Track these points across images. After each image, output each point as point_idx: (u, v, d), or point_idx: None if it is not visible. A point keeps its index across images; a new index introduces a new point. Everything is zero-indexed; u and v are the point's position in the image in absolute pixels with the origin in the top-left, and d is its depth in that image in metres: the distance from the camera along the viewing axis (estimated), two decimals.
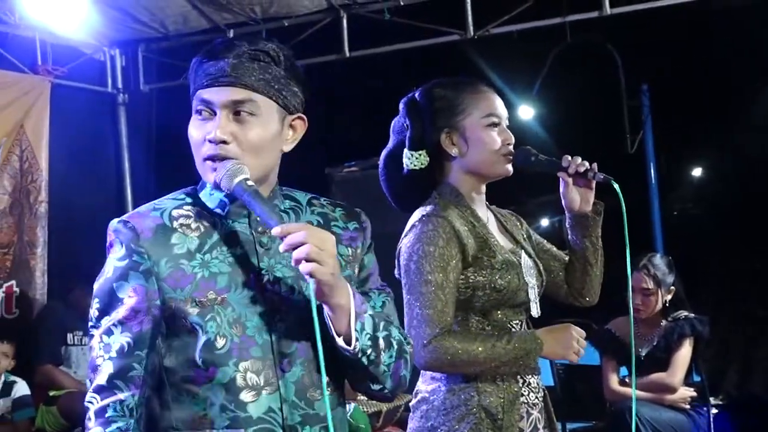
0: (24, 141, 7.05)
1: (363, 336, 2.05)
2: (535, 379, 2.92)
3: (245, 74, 2.06)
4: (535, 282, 2.95)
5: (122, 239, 2.09)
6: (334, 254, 1.97)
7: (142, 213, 2.14)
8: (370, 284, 2.25)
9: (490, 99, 2.96)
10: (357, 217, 2.27)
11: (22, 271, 7.05)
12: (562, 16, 6.74)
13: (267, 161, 2.13)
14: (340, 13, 7.13)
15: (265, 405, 2.07)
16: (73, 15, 6.63)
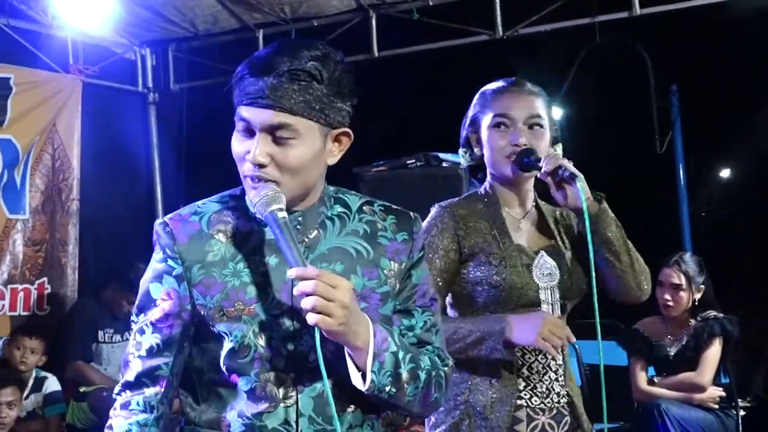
0: (56, 139, 7.09)
1: (381, 375, 2.02)
2: (546, 385, 2.89)
3: (284, 97, 1.99)
4: (553, 283, 2.90)
5: (161, 242, 2.12)
6: (346, 304, 1.92)
7: (183, 216, 2.15)
8: (414, 301, 2.21)
9: (504, 100, 2.93)
10: (408, 227, 2.22)
11: (54, 269, 7.09)
12: (592, 17, 6.70)
13: (308, 179, 2.09)
14: (369, 13, 7.13)
15: (282, 417, 2.07)
16: (105, 15, 6.66)
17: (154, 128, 8.06)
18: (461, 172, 6.02)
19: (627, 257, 2.92)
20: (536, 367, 2.88)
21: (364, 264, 2.14)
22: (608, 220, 2.89)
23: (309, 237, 2.12)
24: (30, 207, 6.95)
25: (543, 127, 2.91)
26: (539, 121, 2.90)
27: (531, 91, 2.95)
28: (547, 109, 2.97)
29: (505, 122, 2.89)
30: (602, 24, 6.77)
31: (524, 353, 2.88)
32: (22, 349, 6.04)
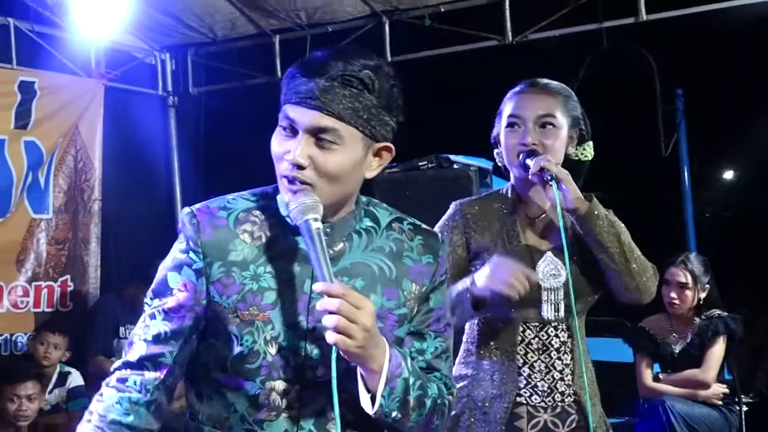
0: (78, 141, 7.11)
1: (390, 400, 1.95)
2: (548, 384, 2.85)
3: (334, 101, 1.92)
4: (557, 284, 2.85)
5: (186, 233, 2.05)
6: (368, 328, 1.85)
7: (212, 209, 2.07)
8: (429, 325, 2.14)
9: (517, 100, 2.91)
10: (435, 250, 2.15)
11: (77, 267, 7.11)
12: (599, 22, 6.68)
13: (345, 189, 2.02)
14: (383, 18, 7.12)
15: (282, 428, 2.01)
16: (126, 21, 6.67)
17: (173, 130, 8.07)
18: (471, 173, 6.00)
19: (622, 258, 2.81)
20: (538, 366, 2.85)
21: (385, 283, 2.06)
22: (596, 221, 2.80)
23: (334, 249, 2.04)
24: (53, 207, 6.97)
25: (556, 126, 2.86)
26: (551, 120, 2.85)
27: (547, 90, 2.91)
28: (567, 108, 2.90)
29: (517, 122, 2.87)
30: (609, 29, 6.75)
31: (527, 352, 2.86)
32: (46, 344, 6.06)
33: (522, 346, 2.86)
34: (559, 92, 2.92)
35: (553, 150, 2.85)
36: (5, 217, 6.59)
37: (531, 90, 2.92)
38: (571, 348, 2.88)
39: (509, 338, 2.87)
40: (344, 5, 6.99)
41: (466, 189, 5.94)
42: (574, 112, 2.92)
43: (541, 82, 2.94)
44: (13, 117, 6.60)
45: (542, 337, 2.86)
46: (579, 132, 2.95)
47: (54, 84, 6.90)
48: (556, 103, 2.88)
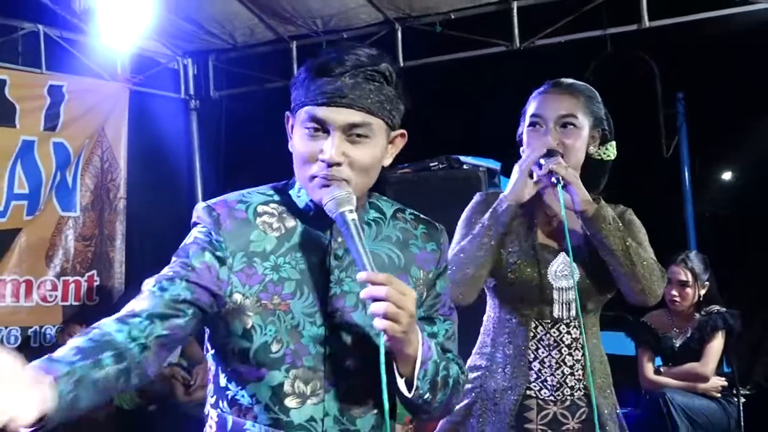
0: (104, 142, 7.14)
1: (424, 382, 1.96)
2: (558, 379, 2.84)
3: (363, 96, 1.92)
4: (570, 284, 2.81)
5: (205, 225, 2.01)
6: (413, 313, 1.85)
7: (229, 203, 2.04)
8: (437, 309, 2.15)
9: (539, 100, 2.85)
10: (436, 238, 2.15)
11: (102, 262, 7.14)
12: (603, 29, 6.67)
13: (372, 179, 2.03)
14: (395, 25, 7.12)
15: (308, 414, 1.99)
16: (150, 28, 6.69)
17: (195, 132, 8.09)
18: (480, 173, 6.01)
19: (627, 260, 2.76)
20: (549, 361, 2.84)
21: (395, 270, 2.05)
22: (603, 224, 2.76)
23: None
24: (80, 205, 7.00)
25: (577, 126, 2.80)
26: (572, 120, 2.80)
27: (569, 90, 2.85)
28: (589, 108, 2.84)
29: (539, 122, 2.82)
30: (613, 36, 6.74)
31: (537, 348, 2.85)
32: (73, 336, 6.08)
33: (533, 341, 2.85)
34: (582, 92, 2.86)
35: (574, 149, 2.80)
36: (35, 214, 6.62)
37: (554, 90, 2.86)
38: (583, 344, 2.85)
39: (522, 334, 2.85)
40: (358, 12, 6.99)
41: (475, 189, 5.94)
42: (596, 112, 2.87)
43: (565, 83, 2.88)
44: (42, 119, 6.64)
45: (554, 334, 2.85)
46: (602, 132, 2.90)
47: (81, 88, 6.93)
48: (577, 104, 2.82)
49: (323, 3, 6.84)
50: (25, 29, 6.66)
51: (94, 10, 6.37)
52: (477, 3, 6.79)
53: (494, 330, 2.93)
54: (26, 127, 6.52)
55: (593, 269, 2.85)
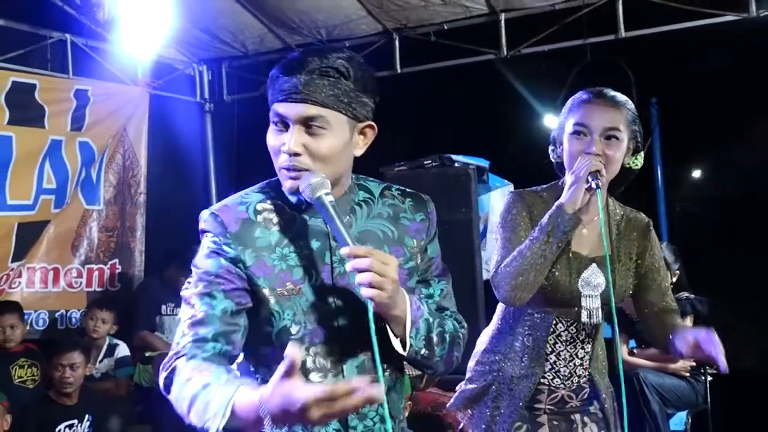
0: (126, 142, 7.13)
1: (418, 340, 1.97)
2: (570, 369, 2.82)
3: (316, 91, 1.92)
4: (596, 294, 2.76)
5: (213, 231, 2.02)
6: (396, 279, 1.86)
7: (230, 206, 2.05)
8: (432, 271, 2.15)
9: (585, 109, 2.72)
10: (424, 207, 2.16)
11: (124, 252, 7.13)
12: (584, 38, 6.68)
13: (338, 168, 2.01)
14: (393, 35, 7.12)
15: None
16: (168, 37, 6.68)
17: (209, 133, 8.08)
18: (471, 171, 6.00)
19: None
20: (564, 354, 2.82)
21: (390, 243, 2.07)
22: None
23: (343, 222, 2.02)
24: (104, 199, 6.99)
25: (619, 139, 2.69)
26: (616, 133, 2.69)
27: (613, 103, 2.73)
28: (629, 120, 2.73)
29: (583, 131, 2.70)
30: (592, 45, 6.73)
31: (556, 342, 2.81)
32: (95, 319, 6.09)
33: (552, 336, 2.81)
34: (624, 106, 2.75)
35: (615, 161, 2.71)
36: (62, 207, 6.62)
37: (599, 101, 2.73)
38: (593, 337, 2.84)
39: (543, 328, 2.81)
40: (359, 23, 6.99)
41: (465, 185, 5.95)
42: (633, 125, 2.76)
43: (609, 94, 2.75)
44: (69, 120, 6.62)
45: (571, 331, 2.82)
46: (636, 143, 2.80)
47: (105, 92, 6.91)
48: (621, 117, 2.71)
49: (327, 14, 6.83)
50: (53, 38, 6.65)
51: (117, 20, 6.36)
52: (468, 15, 6.79)
53: (514, 319, 2.87)
54: (54, 127, 6.51)
55: (619, 282, 2.80)
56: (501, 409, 2.84)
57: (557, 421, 2.86)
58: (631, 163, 2.83)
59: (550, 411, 2.85)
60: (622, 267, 2.82)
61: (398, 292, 1.91)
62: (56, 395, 5.18)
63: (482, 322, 5.64)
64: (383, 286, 1.84)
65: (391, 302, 1.89)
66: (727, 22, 6.24)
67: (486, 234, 7.05)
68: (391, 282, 1.85)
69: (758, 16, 6.10)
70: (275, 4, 6.71)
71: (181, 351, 1.96)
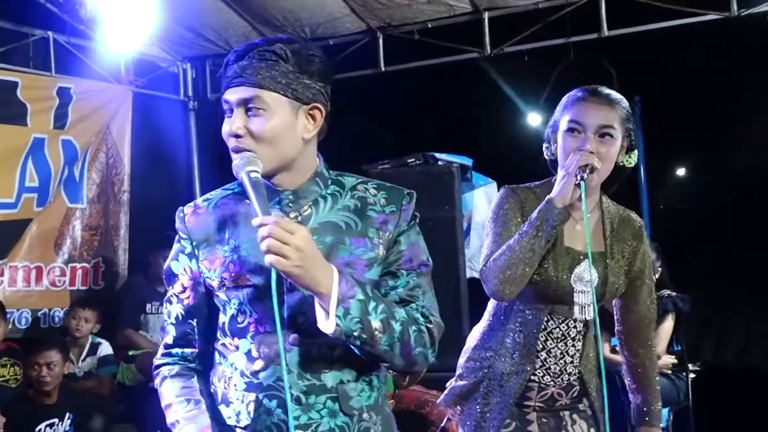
0: (110, 140, 7.10)
1: (347, 320, 1.89)
2: (560, 367, 2.82)
3: (252, 74, 1.96)
4: (588, 289, 2.75)
5: (177, 227, 2.14)
6: (300, 247, 1.84)
7: (196, 204, 2.15)
8: (399, 264, 2.08)
9: (580, 107, 2.70)
10: (398, 201, 2.11)
11: (107, 250, 7.11)
12: (566, 37, 6.70)
13: (284, 151, 2.01)
14: (377, 33, 7.12)
15: (274, 374, 1.99)
16: (152, 34, 6.67)
17: (193, 131, 8.06)
18: (454, 169, 6.02)
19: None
20: (554, 351, 2.81)
21: (352, 234, 2.04)
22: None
23: (302, 214, 2.05)
24: (87, 197, 6.96)
25: (614, 137, 2.67)
26: (610, 131, 2.67)
27: (608, 101, 2.71)
28: (623, 118, 2.71)
29: (578, 128, 2.67)
30: (575, 44, 6.75)
31: (547, 339, 2.81)
32: (78, 318, 6.08)
33: (543, 333, 2.80)
34: (619, 104, 2.73)
35: (609, 158, 2.69)
36: (45, 206, 6.59)
37: (593, 99, 2.71)
38: (584, 335, 2.84)
39: (534, 325, 2.79)
40: (344, 22, 6.99)
41: (449, 183, 5.97)
42: (627, 123, 2.74)
43: (603, 92, 2.73)
44: (52, 119, 6.60)
45: (563, 328, 2.81)
46: (629, 141, 2.78)
47: (88, 90, 6.89)
48: (615, 115, 2.69)
49: (311, 13, 6.83)
50: (36, 36, 6.62)
51: (100, 17, 6.34)
52: (452, 13, 6.79)
53: (505, 316, 2.86)
54: (37, 125, 6.48)
55: (611, 278, 2.81)
56: (491, 405, 2.84)
57: (546, 418, 2.86)
58: (625, 162, 2.81)
59: (539, 408, 2.85)
60: (614, 264, 2.82)
61: (315, 267, 1.88)
62: (36, 394, 5.16)
63: (465, 320, 5.67)
64: (284, 253, 1.83)
65: (302, 273, 1.86)
66: (709, 21, 6.28)
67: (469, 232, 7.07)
68: (294, 250, 1.83)
69: (739, 15, 6.14)
70: (259, 2, 6.70)
71: (157, 361, 2.19)
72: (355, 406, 2.05)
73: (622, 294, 2.90)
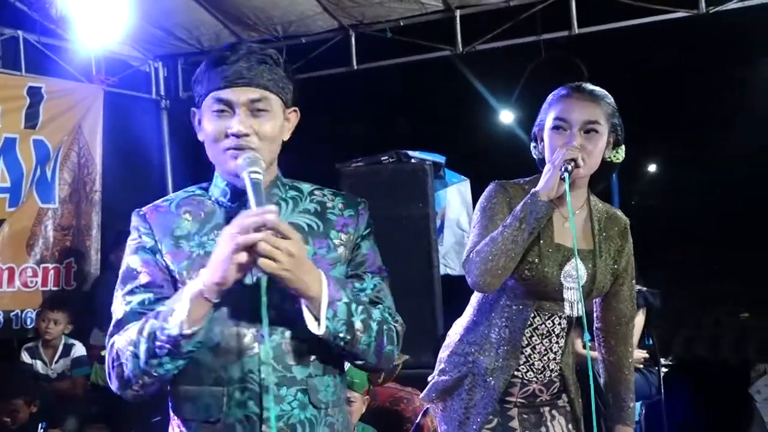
0: (81, 139, 7.07)
1: (335, 322, 1.96)
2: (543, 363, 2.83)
3: (258, 75, 2.04)
4: (575, 285, 2.75)
5: (135, 225, 2.13)
6: (292, 253, 1.87)
7: (156, 204, 2.17)
8: (365, 267, 2.16)
9: (565, 104, 2.72)
10: (355, 206, 2.19)
11: (79, 250, 7.07)
12: (538, 35, 6.74)
13: (274, 151, 2.10)
14: (349, 32, 7.12)
15: (246, 367, 2.00)
16: (123, 33, 6.64)
17: (165, 130, 8.03)
18: (427, 166, 6.04)
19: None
20: (539, 348, 2.82)
21: (315, 236, 2.11)
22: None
23: None
24: (59, 197, 6.92)
25: (599, 132, 2.69)
26: (596, 126, 2.68)
27: (592, 97, 2.72)
28: (608, 113, 2.73)
29: (563, 125, 2.69)
30: (546, 41, 6.80)
31: (532, 335, 2.81)
32: (47, 321, 6.03)
33: (529, 329, 2.81)
34: (603, 99, 2.74)
35: (595, 154, 2.70)
36: (17, 206, 6.55)
37: (578, 95, 2.72)
38: (567, 332, 2.87)
39: (520, 321, 2.80)
40: (315, 20, 6.98)
41: (422, 180, 5.99)
42: (613, 118, 2.75)
43: (588, 89, 2.74)
44: (23, 118, 6.55)
45: (548, 325, 2.82)
46: (615, 137, 2.79)
47: (59, 89, 6.85)
48: (600, 111, 2.70)
49: (283, 11, 6.82)
50: (5, 35, 6.57)
51: (70, 16, 6.30)
52: (423, 11, 6.81)
53: (491, 310, 2.86)
54: (8, 125, 6.43)
55: (599, 275, 2.82)
56: (475, 401, 2.85)
57: (527, 414, 2.87)
58: (613, 157, 2.82)
59: (520, 404, 2.87)
60: (602, 262, 2.83)
61: (305, 271, 1.93)
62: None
63: (439, 317, 5.68)
64: (275, 257, 1.85)
65: (292, 277, 1.89)
66: (679, 18, 6.34)
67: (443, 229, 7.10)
68: (286, 255, 1.86)
69: (707, 13, 6.21)
70: (231, 0, 6.68)
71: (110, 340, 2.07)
72: (323, 400, 2.09)
73: (606, 299, 2.93)
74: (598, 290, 2.84)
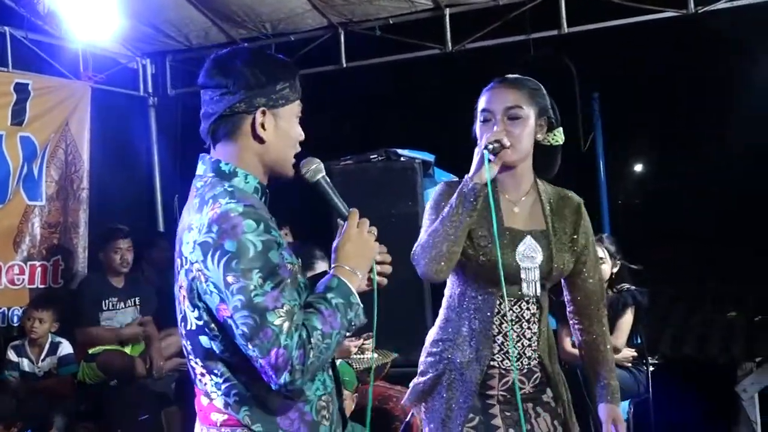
0: (69, 137, 7.03)
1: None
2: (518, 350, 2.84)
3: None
4: (534, 265, 2.82)
5: (259, 219, 2.03)
6: None
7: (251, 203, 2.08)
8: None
9: (488, 95, 2.85)
10: None
11: (67, 247, 7.04)
12: (527, 34, 6.75)
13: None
14: (338, 30, 7.12)
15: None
16: (111, 30, 6.61)
17: (153, 127, 8.02)
18: (416, 165, 6.02)
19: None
20: (511, 335, 2.84)
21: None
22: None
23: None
24: (46, 195, 6.88)
25: (522, 116, 2.78)
26: (518, 111, 2.78)
27: (513, 84, 2.84)
28: (534, 98, 2.83)
29: (488, 116, 2.82)
30: (535, 40, 6.81)
31: (501, 323, 2.83)
32: (32, 319, 5.97)
33: (498, 317, 2.83)
34: (525, 84, 2.84)
35: (521, 138, 2.79)
36: (3, 204, 6.50)
37: (500, 85, 2.85)
38: (539, 318, 2.88)
39: (487, 310, 2.83)
40: (305, 18, 6.98)
41: (411, 179, 5.97)
42: (541, 101, 2.84)
43: (509, 78, 2.87)
44: (9, 115, 6.52)
45: (516, 310, 2.84)
46: (548, 120, 2.88)
47: (46, 85, 6.81)
48: (522, 96, 2.80)
49: (272, 8, 6.81)
50: None
51: (58, 13, 6.28)
52: (413, 9, 6.82)
53: (459, 305, 2.90)
54: None
55: (555, 253, 2.86)
56: (455, 397, 2.86)
57: (509, 411, 2.87)
58: (551, 140, 2.92)
59: (502, 399, 2.87)
60: (557, 241, 2.88)
61: None
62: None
63: (429, 316, 5.67)
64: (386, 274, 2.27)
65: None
66: (668, 18, 6.36)
67: None
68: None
69: (696, 13, 6.23)
70: None
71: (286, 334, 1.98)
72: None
73: (570, 279, 2.97)
74: (558, 269, 2.88)
